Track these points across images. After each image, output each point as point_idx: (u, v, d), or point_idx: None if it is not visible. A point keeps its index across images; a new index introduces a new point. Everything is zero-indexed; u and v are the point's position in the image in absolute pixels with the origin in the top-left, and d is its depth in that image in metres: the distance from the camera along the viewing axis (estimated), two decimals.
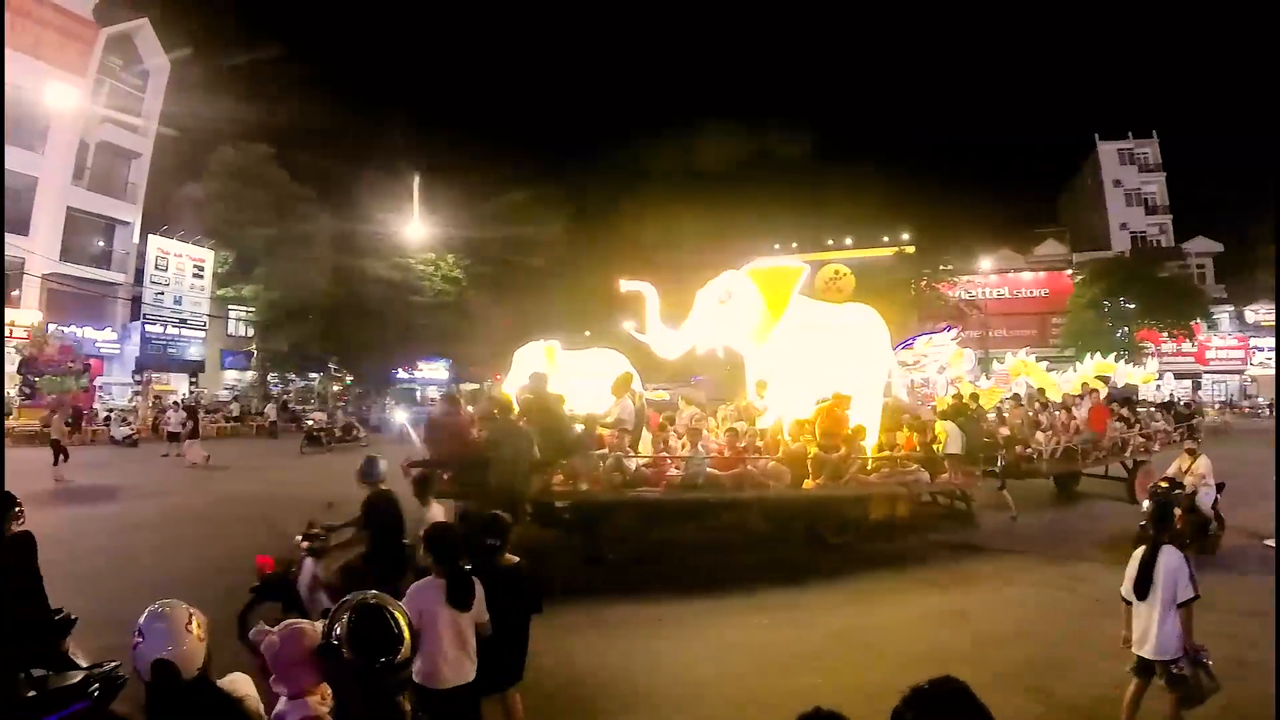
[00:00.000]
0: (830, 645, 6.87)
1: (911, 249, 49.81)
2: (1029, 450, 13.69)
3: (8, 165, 27.27)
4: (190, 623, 2.57)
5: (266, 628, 2.80)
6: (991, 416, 14.90)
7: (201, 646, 2.57)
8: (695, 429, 10.74)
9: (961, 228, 50.57)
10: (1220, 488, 10.29)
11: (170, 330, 35.38)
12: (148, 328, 34.27)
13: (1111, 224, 52.79)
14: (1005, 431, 14.00)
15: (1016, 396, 16.70)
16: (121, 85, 34.42)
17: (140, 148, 35.43)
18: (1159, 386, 32.62)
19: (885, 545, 10.66)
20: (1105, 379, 21.97)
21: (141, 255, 34.40)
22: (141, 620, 2.56)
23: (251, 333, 40.16)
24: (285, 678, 2.70)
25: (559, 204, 45.80)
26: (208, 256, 36.96)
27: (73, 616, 4.92)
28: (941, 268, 47.76)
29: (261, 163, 35.23)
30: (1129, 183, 52.98)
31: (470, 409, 10.43)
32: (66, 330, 30.90)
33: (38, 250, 30.02)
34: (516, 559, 4.63)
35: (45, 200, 30.82)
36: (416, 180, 39.33)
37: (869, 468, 10.77)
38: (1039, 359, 30.35)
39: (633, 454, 10.14)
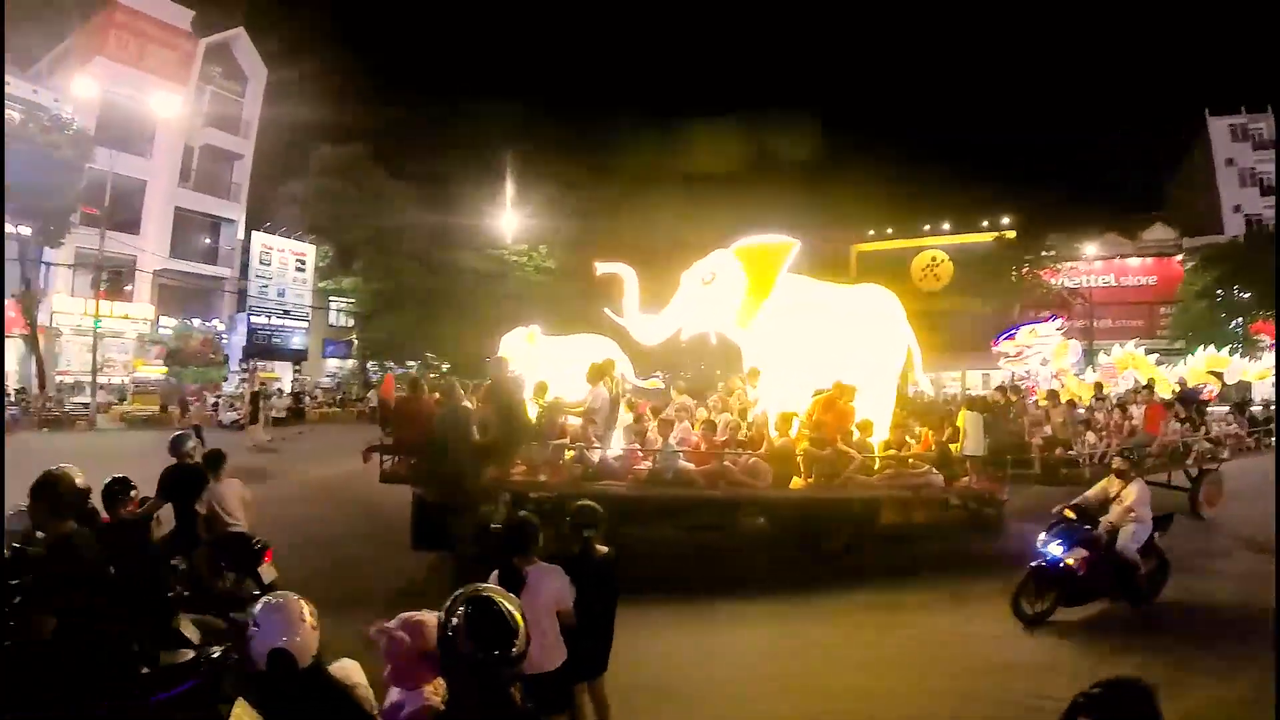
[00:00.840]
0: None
1: (1012, 234, 46.75)
2: (1071, 453, 12.11)
3: (120, 170, 29.58)
4: (304, 613, 2.64)
5: (387, 624, 2.83)
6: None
7: (315, 635, 2.64)
8: (667, 420, 9.97)
9: (1064, 211, 47.19)
10: (1165, 521, 7.82)
11: (274, 321, 37.50)
12: (253, 319, 36.41)
13: (1224, 206, 47.43)
14: (1047, 431, 12.68)
15: (1054, 394, 15.11)
16: (221, 91, 36.43)
17: (241, 149, 37.44)
18: None
19: (891, 555, 9.53)
20: (1181, 383, 19.90)
21: (246, 251, 36.53)
22: (256, 611, 2.64)
23: (352, 323, 41.87)
24: (403, 671, 2.75)
25: (649, 194, 45.89)
26: (309, 251, 38.92)
27: (184, 594, 5.12)
28: (1044, 254, 44.81)
29: (358, 160, 36.68)
30: (1242, 161, 47.51)
31: (436, 395, 10.02)
32: (196, 324, 33.44)
33: (149, 248, 32.31)
34: (606, 549, 4.66)
35: (154, 201, 33.13)
36: (509, 172, 40.42)
37: (874, 467, 9.75)
38: (1147, 351, 28.67)
39: (597, 445, 9.31)
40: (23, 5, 29.41)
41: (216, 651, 4.21)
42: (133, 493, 5.13)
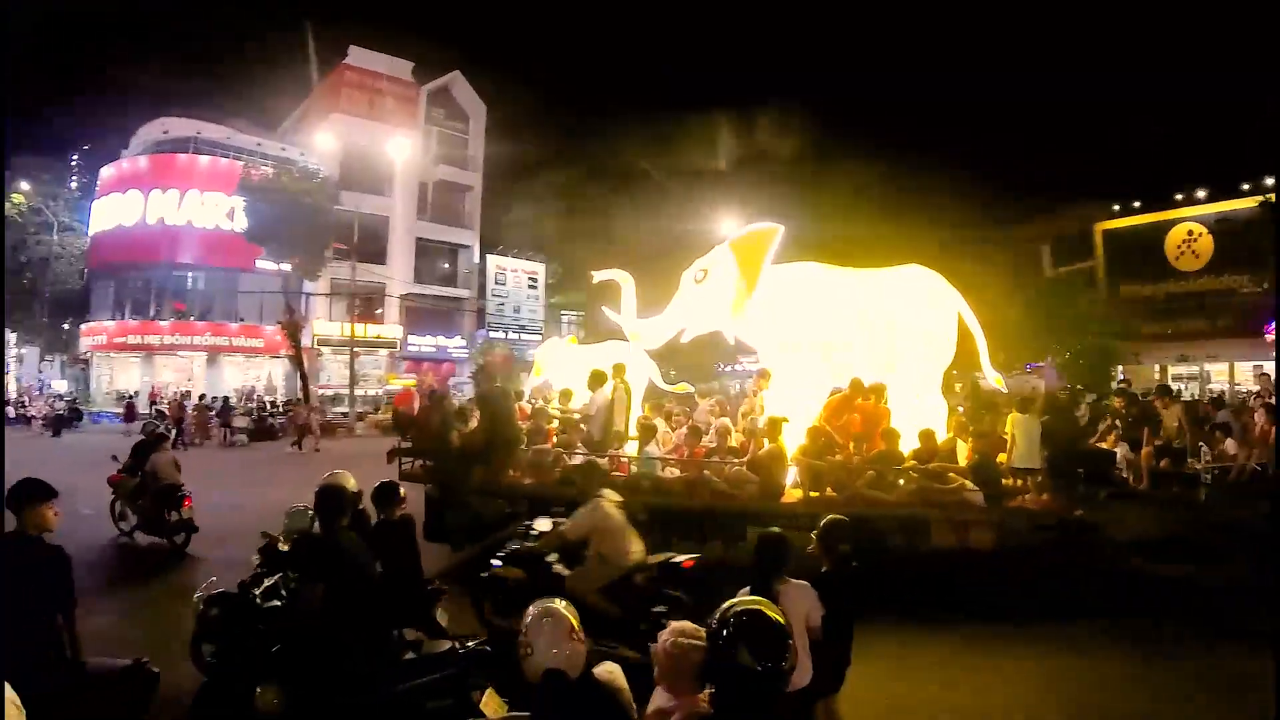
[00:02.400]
0: None
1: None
2: (1196, 466, 9.46)
3: (365, 209, 33.62)
4: (573, 628, 2.73)
5: (665, 634, 2.87)
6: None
7: (583, 648, 2.74)
8: (648, 425, 9.38)
9: None
10: None
11: (510, 335, 40.15)
12: (491, 334, 39.43)
13: None
14: (1157, 441, 9.91)
15: (1165, 388, 11.37)
16: (446, 131, 40.67)
17: (470, 181, 41.27)
18: None
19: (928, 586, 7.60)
20: None
21: (482, 272, 39.91)
22: (526, 627, 2.74)
23: (583, 334, 43.42)
24: (676, 679, 2.77)
25: (871, 186, 43.04)
26: (539, 269, 41.55)
27: (443, 588, 5.54)
28: None
29: (577, 179, 38.83)
30: None
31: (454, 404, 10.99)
32: (422, 339, 36.96)
33: (395, 275, 36.58)
34: (855, 562, 4.61)
35: (397, 234, 37.39)
36: (723, 177, 40.08)
37: (891, 480, 8.24)
38: None
39: (580, 449, 9.40)
40: (265, 78, 35.01)
41: (472, 643, 4.59)
42: (400, 497, 5.63)
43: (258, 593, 5.12)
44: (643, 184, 42.82)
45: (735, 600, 2.58)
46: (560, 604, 2.81)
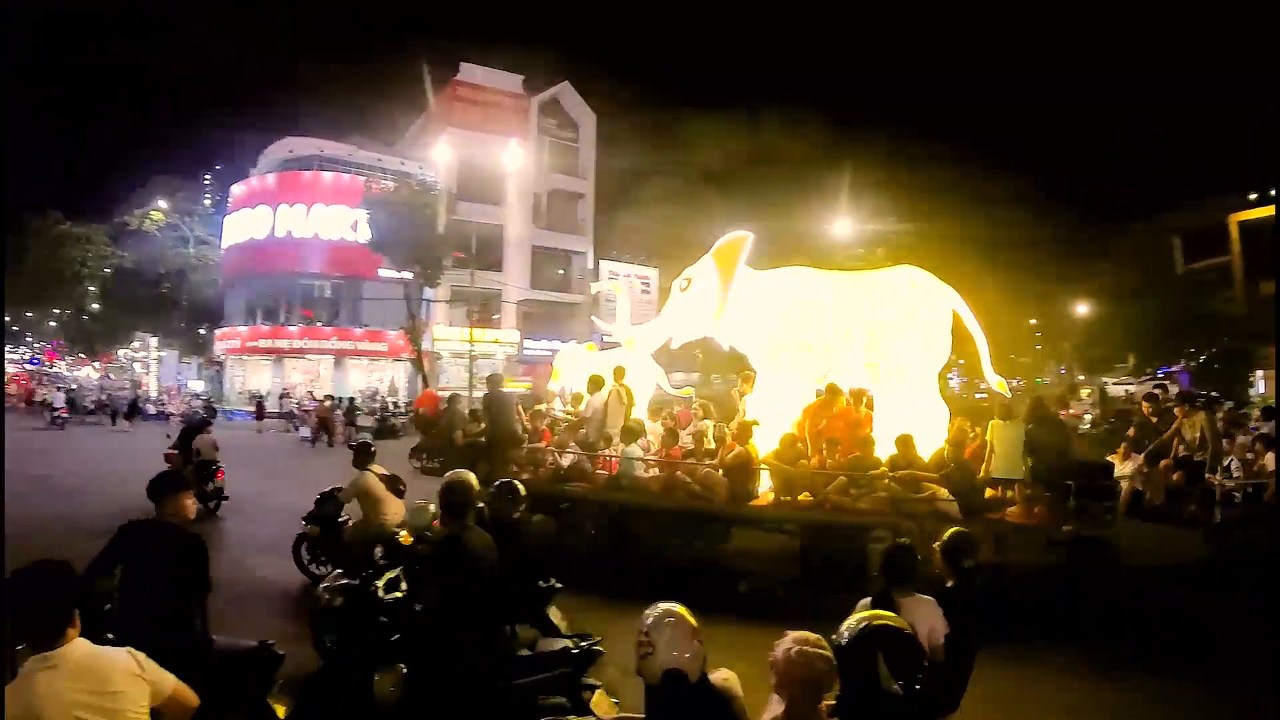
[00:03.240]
0: None
1: None
2: (1214, 480, 8.72)
3: (481, 219, 34.52)
4: (694, 629, 2.68)
5: (787, 642, 2.78)
6: None
7: (702, 650, 2.68)
8: (631, 427, 9.39)
9: None
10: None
11: None
12: (605, 339, 39.29)
13: None
14: (1181, 451, 9.21)
15: (1187, 395, 10.72)
16: (557, 140, 41.39)
17: (582, 189, 41.91)
18: None
19: None
20: None
21: (596, 277, 40.18)
22: (648, 626, 2.68)
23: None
24: (795, 690, 2.65)
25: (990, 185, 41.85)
26: (652, 274, 41.61)
27: (557, 585, 5.59)
28: None
29: (689, 185, 39.05)
30: None
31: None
32: (538, 343, 37.60)
33: (511, 282, 37.42)
34: (979, 579, 4.42)
35: (512, 242, 38.30)
36: (840, 177, 39.66)
37: (864, 486, 8.00)
38: None
39: (573, 449, 9.79)
40: (382, 98, 36.35)
41: (587, 645, 4.62)
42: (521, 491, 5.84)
43: (379, 584, 5.26)
44: (754, 184, 42.79)
45: (867, 614, 2.53)
46: (680, 606, 2.75)
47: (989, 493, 8.07)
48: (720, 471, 8.42)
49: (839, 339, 9.49)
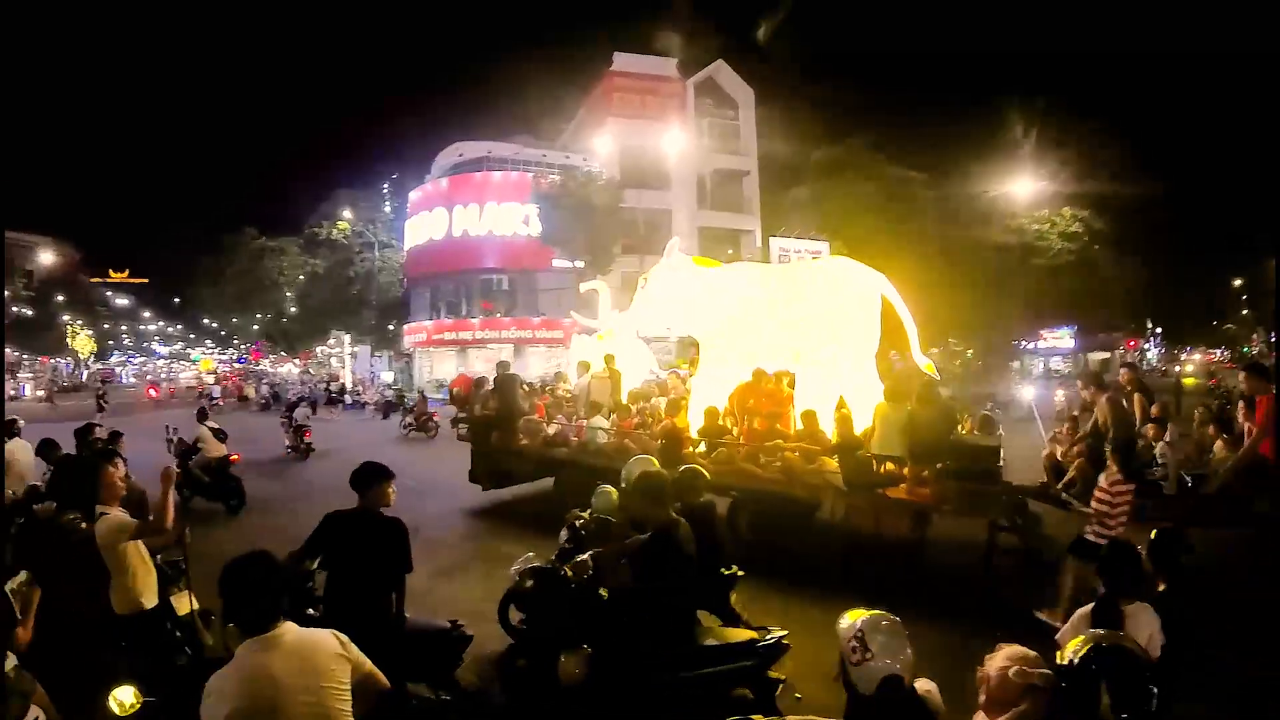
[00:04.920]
0: None
1: None
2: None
3: (647, 205, 34.95)
4: (908, 638, 2.65)
5: (1001, 660, 2.75)
6: None
7: (913, 659, 2.63)
8: (595, 403, 11.60)
9: None
10: None
11: None
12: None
13: None
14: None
15: (1094, 375, 9.66)
16: (717, 120, 41.03)
17: (746, 166, 41.37)
18: None
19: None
20: None
21: (766, 256, 39.57)
22: (860, 631, 2.62)
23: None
24: (1007, 710, 2.65)
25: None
26: (823, 248, 40.48)
27: (739, 573, 5.49)
28: None
29: (859, 153, 37.57)
30: None
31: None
32: None
33: None
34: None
35: (680, 226, 38.31)
36: (1017, 136, 37.50)
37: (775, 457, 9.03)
38: None
39: (559, 420, 11.83)
40: (541, 96, 37.20)
41: (773, 637, 4.60)
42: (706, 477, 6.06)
43: (568, 568, 5.30)
44: (923, 153, 40.91)
45: (1099, 634, 2.37)
46: (895, 617, 2.68)
47: (889, 468, 8.46)
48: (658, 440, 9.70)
49: (775, 326, 10.54)
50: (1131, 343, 46.58)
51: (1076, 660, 2.27)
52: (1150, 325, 52.42)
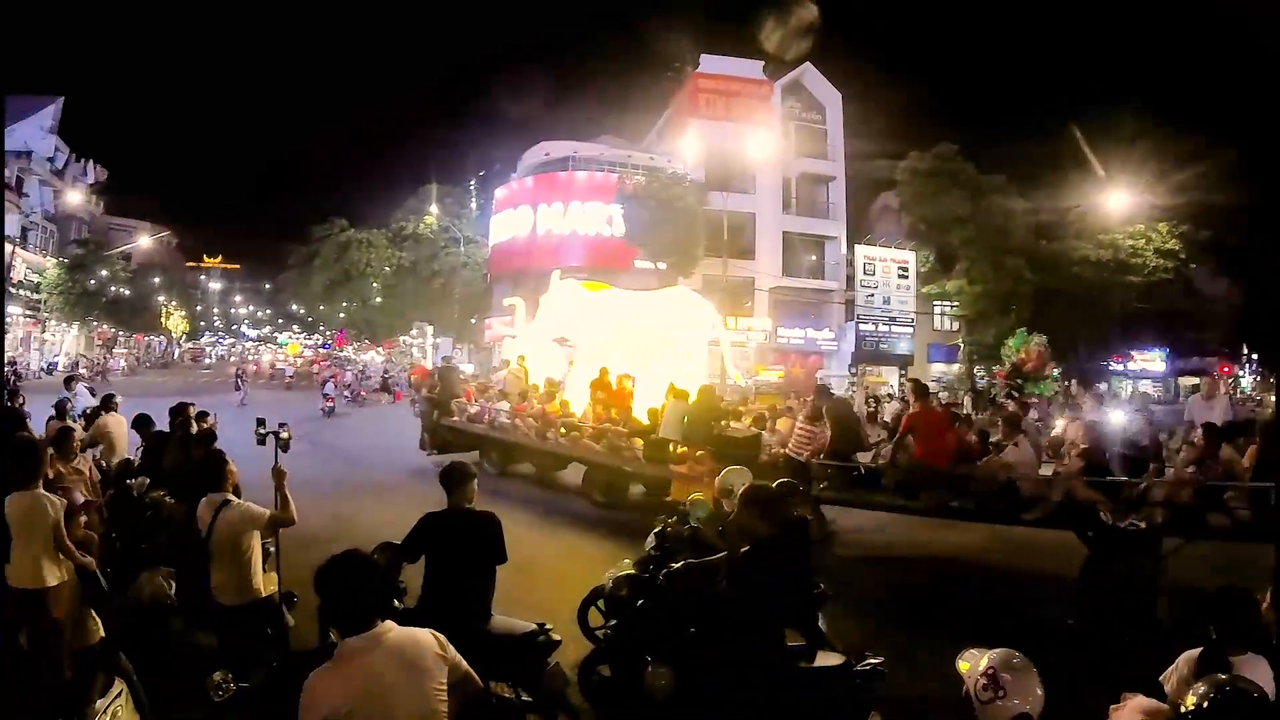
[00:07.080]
0: None
1: None
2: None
3: (731, 208, 34.74)
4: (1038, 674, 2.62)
5: (1128, 712, 2.83)
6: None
7: (1043, 698, 2.59)
8: (503, 392, 15.66)
9: None
10: None
11: (880, 328, 38.67)
12: (860, 327, 38.21)
13: None
14: None
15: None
16: (803, 123, 40.59)
17: (833, 171, 40.74)
18: None
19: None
20: None
21: (850, 263, 38.89)
22: (992, 669, 2.58)
23: (957, 327, 40.76)
24: None
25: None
26: (909, 258, 39.51)
27: (829, 592, 5.28)
28: None
29: (948, 161, 36.30)
30: None
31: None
32: (791, 331, 37.32)
33: (763, 270, 37.25)
34: None
35: (763, 230, 38.12)
36: (1111, 149, 35.94)
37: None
38: None
39: (479, 403, 15.64)
40: (627, 97, 37.17)
41: (870, 665, 4.40)
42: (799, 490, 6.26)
43: (663, 576, 5.13)
44: (1025, 153, 39.44)
45: (1220, 678, 2.31)
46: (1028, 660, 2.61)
47: (683, 450, 10.78)
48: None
49: (628, 340, 15.17)
50: (1226, 368, 44.12)
51: (1208, 702, 2.20)
52: (1245, 350, 49.69)
